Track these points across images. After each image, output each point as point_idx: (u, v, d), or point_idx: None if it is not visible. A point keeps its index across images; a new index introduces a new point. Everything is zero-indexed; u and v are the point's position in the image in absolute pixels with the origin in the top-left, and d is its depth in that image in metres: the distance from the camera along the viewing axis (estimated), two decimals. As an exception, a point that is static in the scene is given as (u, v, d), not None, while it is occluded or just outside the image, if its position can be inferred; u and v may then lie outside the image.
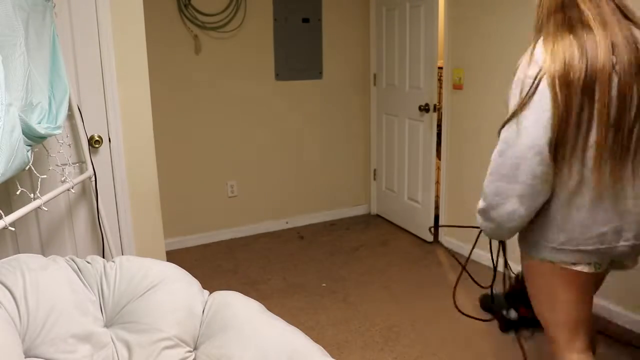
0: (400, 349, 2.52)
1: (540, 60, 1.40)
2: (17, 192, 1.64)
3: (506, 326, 2.66)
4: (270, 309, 1.66)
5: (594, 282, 1.59)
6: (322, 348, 1.49)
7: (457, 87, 3.53)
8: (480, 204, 1.55)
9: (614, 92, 1.35)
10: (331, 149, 4.32)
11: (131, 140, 2.35)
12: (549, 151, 1.37)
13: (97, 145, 2.26)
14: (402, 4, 3.82)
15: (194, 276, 1.72)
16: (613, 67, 1.34)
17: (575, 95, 1.34)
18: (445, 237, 3.82)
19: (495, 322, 2.70)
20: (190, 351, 1.56)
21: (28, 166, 1.53)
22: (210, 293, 1.70)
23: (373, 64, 4.28)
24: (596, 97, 1.34)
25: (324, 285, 3.20)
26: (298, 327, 1.58)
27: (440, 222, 3.85)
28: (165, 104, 3.64)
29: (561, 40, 1.39)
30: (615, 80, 1.35)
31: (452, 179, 3.69)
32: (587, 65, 1.33)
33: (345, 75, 4.25)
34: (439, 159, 3.80)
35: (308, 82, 4.12)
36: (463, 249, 3.64)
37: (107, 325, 1.53)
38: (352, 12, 4.18)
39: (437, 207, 3.88)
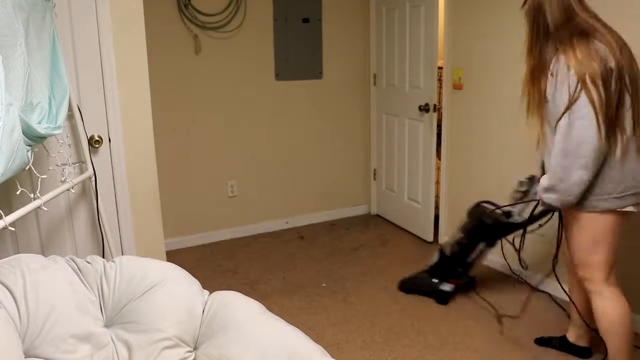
0: (400, 349, 2.52)
1: (572, 65, 1.83)
2: (17, 192, 1.64)
3: (444, 299, 2.95)
4: (270, 309, 1.66)
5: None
6: (322, 348, 1.49)
7: (457, 87, 3.53)
8: (547, 181, 1.97)
9: (627, 79, 1.87)
10: (331, 149, 4.32)
11: (131, 140, 2.35)
12: (598, 129, 1.82)
13: (97, 145, 2.26)
14: (402, 3, 3.82)
15: (194, 276, 1.72)
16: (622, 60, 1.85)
17: (606, 87, 1.82)
18: (445, 238, 3.82)
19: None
20: (190, 351, 1.55)
21: (28, 166, 1.53)
22: (210, 293, 1.70)
23: (373, 64, 4.28)
24: (617, 83, 1.84)
25: (324, 285, 3.20)
26: (298, 327, 1.58)
27: (440, 222, 3.85)
28: (165, 104, 3.64)
29: (579, 46, 1.84)
30: (626, 69, 1.87)
31: (452, 179, 3.69)
32: (607, 61, 1.82)
33: (345, 75, 4.25)
34: (439, 159, 3.80)
35: (308, 82, 4.12)
36: (463, 249, 3.64)
37: (107, 325, 1.53)
38: (352, 12, 4.18)
39: (437, 207, 3.88)
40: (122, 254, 2.38)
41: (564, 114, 1.86)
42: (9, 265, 1.37)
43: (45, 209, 1.75)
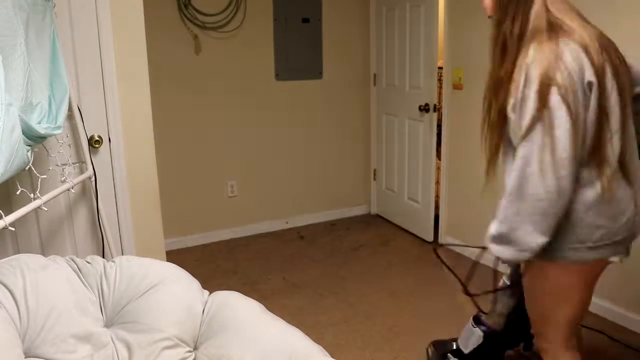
0: (400, 349, 2.52)
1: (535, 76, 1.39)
2: (17, 192, 1.64)
3: None
4: (270, 309, 1.66)
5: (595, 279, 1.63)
6: (322, 348, 1.48)
7: (457, 87, 3.53)
8: (496, 228, 1.52)
9: (612, 92, 1.44)
10: (331, 149, 4.32)
11: (131, 140, 2.35)
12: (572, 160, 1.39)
13: (97, 145, 2.26)
14: (402, 4, 3.82)
15: (194, 276, 1.72)
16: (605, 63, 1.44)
17: (578, 98, 1.38)
18: (445, 238, 3.82)
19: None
20: (190, 351, 1.56)
21: (28, 166, 1.53)
22: (210, 293, 1.70)
23: (373, 64, 4.28)
24: (599, 93, 1.40)
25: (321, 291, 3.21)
26: (298, 327, 1.58)
27: (440, 222, 3.85)
28: (165, 104, 3.64)
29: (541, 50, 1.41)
30: (610, 73, 1.44)
31: (452, 179, 3.69)
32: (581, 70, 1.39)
33: (345, 75, 4.25)
34: (439, 159, 3.80)
35: (308, 82, 4.12)
36: (463, 249, 3.64)
37: (107, 325, 1.53)
38: (352, 12, 4.18)
39: (437, 207, 3.88)
40: (122, 254, 2.38)
41: (523, 139, 1.43)
42: (9, 265, 1.37)
43: (45, 209, 1.75)
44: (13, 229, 1.50)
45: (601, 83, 1.40)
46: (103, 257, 1.99)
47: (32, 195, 1.73)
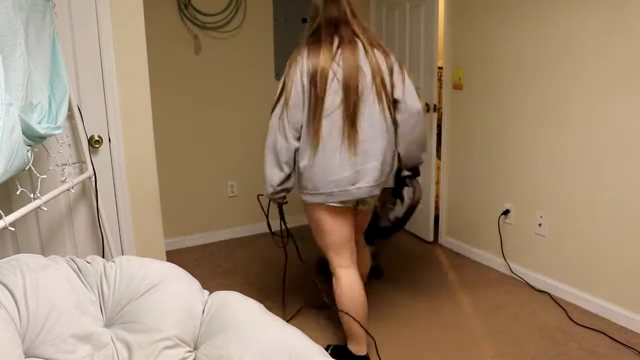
0: (400, 349, 2.51)
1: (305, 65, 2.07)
2: (17, 192, 1.64)
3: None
4: (270, 309, 1.66)
5: (348, 214, 2.24)
6: (322, 348, 1.49)
7: (457, 87, 3.53)
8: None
9: (341, 91, 2.05)
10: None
11: (131, 140, 2.35)
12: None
13: (97, 145, 2.26)
14: (402, 4, 3.82)
15: (194, 276, 1.72)
16: (335, 70, 2.06)
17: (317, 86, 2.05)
18: (445, 238, 3.82)
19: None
20: (190, 351, 1.56)
21: (28, 166, 1.53)
22: (210, 293, 1.70)
23: (373, 64, 4.27)
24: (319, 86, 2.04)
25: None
26: (298, 327, 1.58)
27: (440, 222, 3.85)
28: (165, 104, 3.64)
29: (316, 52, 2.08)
30: (340, 75, 2.05)
31: (452, 179, 3.69)
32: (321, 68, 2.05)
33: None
34: (439, 159, 3.80)
35: (308, 82, 4.11)
36: (463, 249, 3.64)
37: (107, 325, 1.53)
38: (352, 12, 4.18)
39: (437, 207, 3.88)
40: (122, 254, 2.38)
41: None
42: (9, 265, 1.37)
43: (45, 209, 1.75)
44: (13, 229, 1.50)
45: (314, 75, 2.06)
46: (103, 257, 1.99)
47: (32, 195, 1.73)
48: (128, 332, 1.51)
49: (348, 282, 2.24)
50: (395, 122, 2.19)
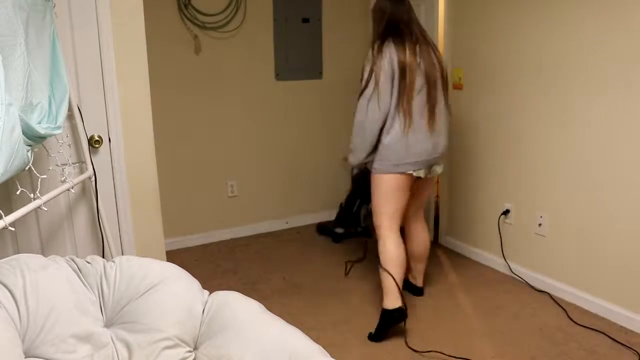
0: (400, 349, 2.51)
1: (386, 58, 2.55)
2: (17, 192, 1.64)
3: (336, 238, 3.93)
4: (270, 309, 1.66)
5: (409, 187, 2.68)
6: (322, 348, 1.49)
7: (457, 87, 3.53)
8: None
9: (423, 79, 2.55)
10: (331, 149, 4.32)
11: (131, 140, 2.35)
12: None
13: (97, 145, 2.26)
14: (402, 4, 3.81)
15: (194, 276, 1.72)
16: (419, 64, 2.55)
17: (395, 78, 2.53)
18: (445, 238, 3.82)
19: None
20: (190, 351, 1.56)
21: (28, 166, 1.53)
22: (210, 293, 1.70)
23: (373, 64, 4.27)
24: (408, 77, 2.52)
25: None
26: (298, 327, 1.58)
27: (440, 222, 3.85)
28: (165, 104, 3.64)
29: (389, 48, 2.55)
30: (422, 67, 2.55)
31: (452, 179, 3.69)
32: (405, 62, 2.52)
33: (345, 75, 4.25)
34: (439, 159, 3.79)
35: (308, 82, 4.12)
36: (463, 249, 3.64)
37: (107, 325, 1.53)
38: (352, 12, 4.18)
39: (437, 208, 3.88)
40: (122, 254, 2.38)
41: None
42: (9, 266, 1.37)
43: (45, 209, 1.75)
44: (13, 229, 1.50)
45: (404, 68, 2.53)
46: (103, 257, 1.99)
47: (32, 195, 1.73)
48: (128, 332, 1.51)
49: (392, 245, 2.64)
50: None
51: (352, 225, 3.95)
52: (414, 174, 2.61)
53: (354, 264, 3.48)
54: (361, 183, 3.80)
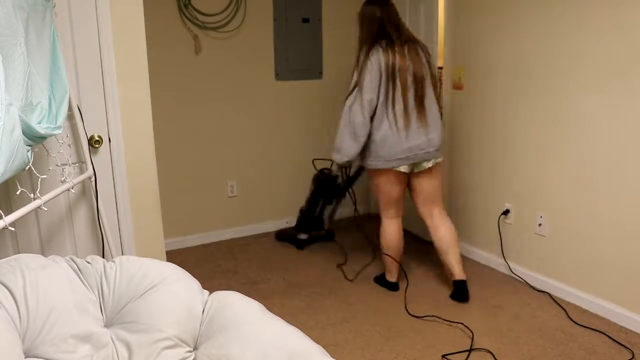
0: (400, 349, 2.52)
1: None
2: (17, 192, 1.64)
3: (300, 245, 3.81)
4: (270, 309, 1.66)
5: (404, 179, 2.91)
6: (322, 348, 1.49)
7: (457, 87, 3.53)
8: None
9: (411, 77, 2.73)
10: (331, 149, 4.31)
11: (131, 140, 2.35)
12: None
13: (97, 145, 2.26)
14: (402, 3, 3.82)
15: (194, 276, 1.72)
16: (408, 65, 2.74)
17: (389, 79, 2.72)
18: (445, 237, 3.82)
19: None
20: (190, 351, 1.56)
21: (28, 166, 1.53)
22: (210, 293, 1.70)
23: (373, 64, 4.27)
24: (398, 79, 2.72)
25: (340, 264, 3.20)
26: (298, 327, 1.58)
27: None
28: (165, 104, 3.64)
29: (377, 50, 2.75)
30: (411, 67, 2.74)
31: (452, 179, 3.69)
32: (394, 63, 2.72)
33: (345, 75, 4.25)
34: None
35: (308, 82, 4.12)
36: (463, 249, 3.64)
37: (107, 325, 1.53)
38: (352, 12, 4.18)
39: (437, 207, 3.87)
40: (122, 254, 2.38)
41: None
42: (9, 266, 1.37)
43: (45, 209, 1.75)
44: (13, 229, 1.50)
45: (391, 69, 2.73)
46: (103, 257, 1.99)
47: (32, 195, 1.73)
48: (128, 332, 1.51)
49: (391, 229, 3.00)
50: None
51: (315, 229, 3.86)
52: (401, 169, 2.80)
53: (341, 267, 3.47)
54: (322, 183, 3.76)
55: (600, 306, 2.77)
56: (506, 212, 3.27)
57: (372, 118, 2.77)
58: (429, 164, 2.87)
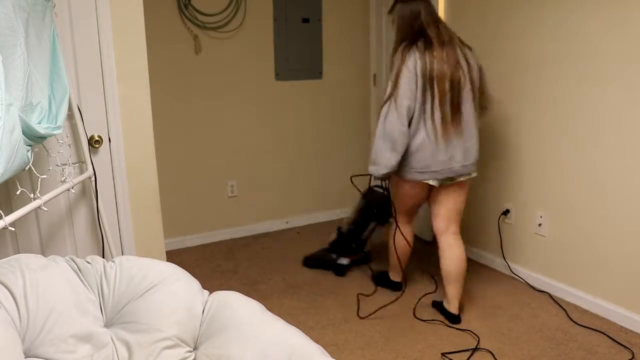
0: (400, 349, 2.52)
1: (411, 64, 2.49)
2: (17, 192, 1.64)
3: (341, 271, 3.35)
4: (270, 309, 1.66)
5: (426, 191, 2.72)
6: (322, 348, 1.49)
7: (457, 87, 3.52)
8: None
9: (448, 83, 2.49)
10: (331, 149, 4.32)
11: (131, 140, 2.35)
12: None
13: (97, 145, 2.26)
14: (402, 4, 3.81)
15: (194, 276, 1.72)
16: (446, 70, 2.49)
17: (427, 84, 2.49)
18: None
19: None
20: (190, 351, 1.56)
21: (28, 166, 1.53)
22: (210, 293, 1.70)
23: (373, 64, 4.28)
24: (436, 86, 2.48)
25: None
26: (298, 327, 1.58)
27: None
28: (165, 104, 3.64)
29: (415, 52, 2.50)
30: (449, 72, 2.49)
31: (452, 179, 3.69)
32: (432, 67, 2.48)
33: (345, 75, 4.25)
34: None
35: (308, 82, 4.12)
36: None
37: (107, 325, 1.53)
38: (352, 12, 4.18)
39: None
40: (122, 254, 2.38)
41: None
42: (8, 265, 1.37)
43: (45, 209, 1.75)
44: (13, 229, 1.50)
45: (427, 75, 2.49)
46: (103, 257, 1.99)
47: (32, 195, 1.73)
48: (128, 332, 1.51)
49: (400, 236, 2.89)
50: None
51: (355, 252, 3.43)
52: (431, 182, 2.58)
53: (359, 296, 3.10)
54: (377, 204, 3.31)
55: (600, 306, 2.77)
56: (506, 212, 3.27)
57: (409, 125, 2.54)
58: (462, 179, 2.64)
